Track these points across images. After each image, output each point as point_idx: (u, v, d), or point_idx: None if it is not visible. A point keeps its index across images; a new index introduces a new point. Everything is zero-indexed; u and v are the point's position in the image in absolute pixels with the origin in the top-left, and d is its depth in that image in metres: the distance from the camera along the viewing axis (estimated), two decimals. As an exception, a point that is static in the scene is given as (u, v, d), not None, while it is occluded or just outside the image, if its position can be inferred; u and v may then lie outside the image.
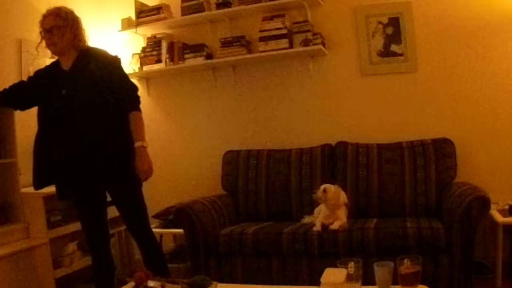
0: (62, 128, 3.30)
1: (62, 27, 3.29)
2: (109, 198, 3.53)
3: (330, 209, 3.84)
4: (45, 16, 3.34)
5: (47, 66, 3.56)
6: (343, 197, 3.89)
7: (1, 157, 3.88)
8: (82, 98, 3.25)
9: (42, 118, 3.41)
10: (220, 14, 4.91)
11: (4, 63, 4.28)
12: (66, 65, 3.37)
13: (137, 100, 3.45)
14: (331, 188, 3.86)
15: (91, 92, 3.26)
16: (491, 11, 4.28)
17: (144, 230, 3.52)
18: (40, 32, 3.37)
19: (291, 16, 4.75)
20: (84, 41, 3.43)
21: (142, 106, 3.46)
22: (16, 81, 4.30)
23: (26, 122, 4.25)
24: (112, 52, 3.56)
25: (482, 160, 4.35)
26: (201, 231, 3.97)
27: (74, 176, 3.32)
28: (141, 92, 5.25)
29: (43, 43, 3.38)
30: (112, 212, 4.65)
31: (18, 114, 3.95)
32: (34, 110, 4.43)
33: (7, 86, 3.55)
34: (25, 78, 4.39)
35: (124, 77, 3.46)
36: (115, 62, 3.45)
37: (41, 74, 3.51)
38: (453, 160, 4.18)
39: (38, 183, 3.44)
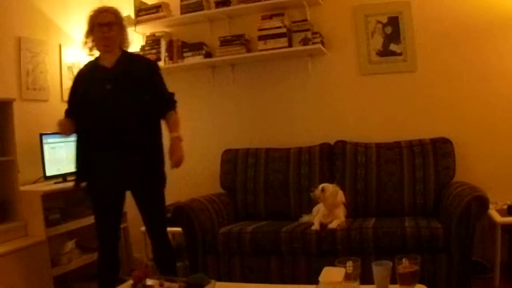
0: (104, 122, 3.32)
1: (118, 24, 3.42)
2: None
3: (329, 208, 3.84)
4: (100, 11, 3.42)
5: (85, 66, 3.61)
6: (340, 196, 3.89)
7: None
8: (126, 95, 3.34)
9: (82, 114, 3.41)
10: (219, 12, 4.91)
11: (3, 61, 4.27)
12: (109, 62, 3.42)
13: (175, 102, 3.60)
14: (329, 187, 3.86)
15: (134, 90, 3.35)
16: (490, 11, 4.27)
17: (164, 230, 3.61)
18: (91, 27, 3.43)
19: (290, 15, 4.75)
20: (128, 43, 3.59)
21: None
22: (14, 80, 4.33)
23: (25, 120, 4.27)
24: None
25: (481, 160, 4.35)
26: (199, 229, 3.97)
27: (109, 172, 3.37)
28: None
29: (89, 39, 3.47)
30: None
31: (16, 113, 3.95)
32: (33, 109, 4.47)
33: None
34: (24, 76, 4.41)
35: (163, 81, 3.57)
36: (155, 66, 3.63)
37: (79, 78, 3.56)
38: (452, 160, 4.18)
39: (80, 178, 3.51)
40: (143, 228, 4.62)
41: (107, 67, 3.41)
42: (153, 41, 5.11)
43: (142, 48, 5.12)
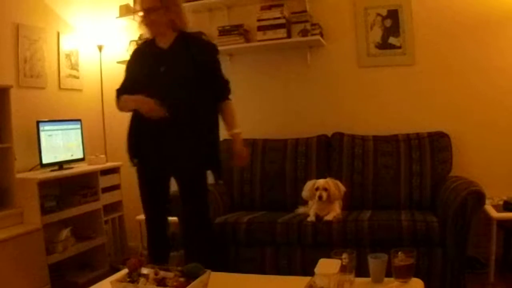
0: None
1: (160, 8, 3.25)
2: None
3: (333, 202, 3.85)
4: None
5: (141, 45, 3.58)
6: (342, 187, 3.90)
7: (-4, 142, 3.87)
8: (180, 76, 3.26)
9: (136, 93, 3.33)
10: (218, 2, 4.90)
11: (0, 47, 4.25)
12: (164, 44, 3.35)
13: (230, 91, 3.53)
14: (329, 183, 3.84)
15: (190, 73, 3.26)
16: (490, 6, 4.26)
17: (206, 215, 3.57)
18: (138, 11, 3.42)
19: (289, 6, 4.72)
20: (183, 23, 3.40)
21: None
22: (12, 67, 4.32)
23: (22, 108, 4.26)
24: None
25: (478, 155, 4.35)
26: (195, 219, 3.96)
27: (155, 159, 3.34)
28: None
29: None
30: (106, 199, 4.67)
31: (14, 100, 3.94)
32: (30, 96, 4.45)
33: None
34: (21, 63, 4.39)
35: (220, 67, 3.49)
36: (215, 50, 3.49)
37: (134, 57, 3.50)
38: (449, 154, 4.18)
39: (131, 157, 3.45)
40: (138, 217, 4.64)
41: (163, 48, 3.35)
42: (151, 30, 5.09)
43: (141, 36, 5.09)
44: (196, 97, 3.27)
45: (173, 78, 3.25)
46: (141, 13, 3.36)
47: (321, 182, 3.87)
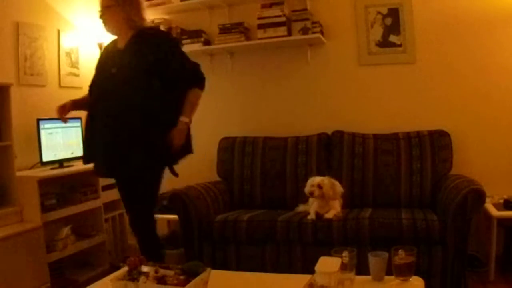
0: (106, 106, 3.20)
1: (112, 6, 3.23)
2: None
3: (328, 201, 3.84)
4: None
5: (108, 44, 3.52)
6: (338, 187, 3.89)
7: (-4, 139, 3.87)
8: (130, 80, 3.17)
9: (91, 95, 3.37)
10: (219, 0, 4.90)
11: (0, 45, 4.25)
12: (121, 43, 3.32)
13: (198, 77, 3.42)
14: (324, 181, 3.84)
15: (137, 73, 3.17)
16: (491, 4, 4.26)
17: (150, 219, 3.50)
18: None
19: (290, 4, 4.72)
20: (140, 20, 3.33)
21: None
22: (12, 65, 4.32)
23: (22, 106, 4.26)
24: (171, 33, 3.48)
25: (478, 153, 4.35)
26: (195, 217, 3.97)
27: (109, 157, 3.23)
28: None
29: None
30: (106, 197, 4.67)
31: (14, 98, 3.94)
32: (30, 94, 4.45)
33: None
34: (21, 62, 4.39)
35: (182, 56, 3.37)
36: (170, 42, 3.39)
37: (102, 55, 3.49)
38: (449, 152, 4.18)
39: (85, 158, 3.41)
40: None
41: (120, 49, 3.31)
42: (152, 28, 5.09)
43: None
44: (146, 101, 3.16)
45: (122, 80, 3.18)
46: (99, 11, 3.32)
47: (317, 179, 3.88)
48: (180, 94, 3.31)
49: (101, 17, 3.29)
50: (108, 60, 3.33)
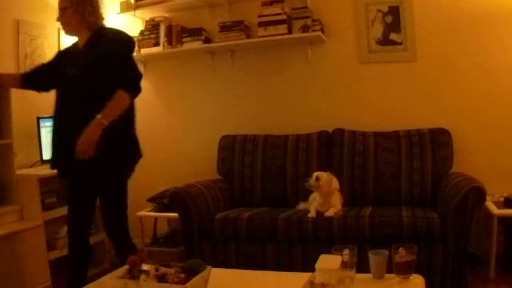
0: (63, 109, 3.24)
1: (68, 8, 3.22)
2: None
3: (324, 196, 3.84)
4: None
5: (70, 45, 3.50)
6: (335, 183, 3.89)
7: (-3, 138, 3.87)
8: (86, 82, 3.14)
9: (55, 98, 3.35)
10: (219, -2, 4.90)
11: (1, 43, 4.25)
12: (80, 44, 3.32)
13: (129, 80, 3.23)
14: (323, 175, 3.86)
15: (93, 74, 3.14)
16: (492, 2, 4.25)
17: (124, 227, 3.51)
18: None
19: (290, 1, 4.71)
20: (95, 20, 3.29)
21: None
22: (12, 63, 4.31)
23: (23, 104, 4.25)
24: (128, 33, 3.45)
25: (479, 151, 4.34)
26: (195, 215, 3.97)
27: (68, 162, 3.19)
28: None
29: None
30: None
31: (14, 96, 3.93)
32: (30, 92, 4.44)
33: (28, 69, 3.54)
34: (22, 59, 4.39)
35: (125, 57, 3.29)
36: (122, 42, 3.35)
37: (62, 52, 3.49)
38: (450, 150, 4.18)
39: (52, 163, 3.40)
40: (138, 214, 4.64)
41: (79, 50, 3.31)
42: (152, 26, 5.08)
43: (141, 32, 5.09)
44: (94, 100, 3.09)
45: (79, 82, 3.16)
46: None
47: (317, 172, 3.90)
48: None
49: (58, 19, 3.28)
50: (68, 60, 3.31)
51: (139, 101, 3.40)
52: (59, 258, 4.17)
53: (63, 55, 3.45)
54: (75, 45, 3.41)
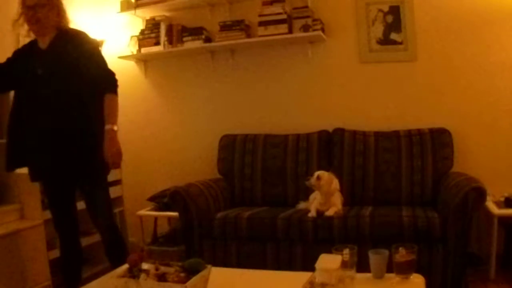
0: (36, 109, 3.20)
1: (46, 5, 3.19)
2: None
3: (324, 195, 3.84)
4: None
5: (24, 45, 3.44)
6: (335, 183, 3.89)
7: (-5, 137, 3.86)
8: (58, 78, 3.16)
9: (17, 98, 3.34)
10: (220, -3, 4.90)
11: (0, 43, 4.24)
12: (44, 43, 3.27)
13: (114, 83, 3.33)
14: (325, 174, 3.86)
15: (67, 73, 3.16)
16: (493, 2, 4.25)
17: (109, 222, 3.51)
18: (21, 9, 3.26)
19: (290, 1, 4.71)
20: (66, 21, 3.33)
21: (139, 88, 3.42)
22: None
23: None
24: (92, 35, 3.45)
25: (479, 151, 4.34)
26: (195, 214, 3.96)
27: (46, 160, 3.23)
28: (139, 75, 5.24)
29: (21, 21, 3.29)
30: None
31: (13, 95, 3.93)
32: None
33: None
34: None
35: (102, 61, 3.33)
36: (93, 45, 3.38)
37: (18, 53, 3.40)
38: (450, 150, 4.18)
39: (10, 165, 3.35)
40: (139, 213, 4.65)
41: (42, 49, 3.27)
42: (152, 25, 5.08)
43: (142, 32, 5.09)
44: (74, 97, 3.17)
45: (51, 81, 3.17)
46: (22, 11, 3.25)
47: (318, 171, 3.90)
48: (98, 98, 3.28)
49: (33, 15, 3.20)
50: (33, 60, 3.26)
51: (139, 101, 3.41)
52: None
53: (22, 55, 3.37)
54: (32, 45, 3.36)
